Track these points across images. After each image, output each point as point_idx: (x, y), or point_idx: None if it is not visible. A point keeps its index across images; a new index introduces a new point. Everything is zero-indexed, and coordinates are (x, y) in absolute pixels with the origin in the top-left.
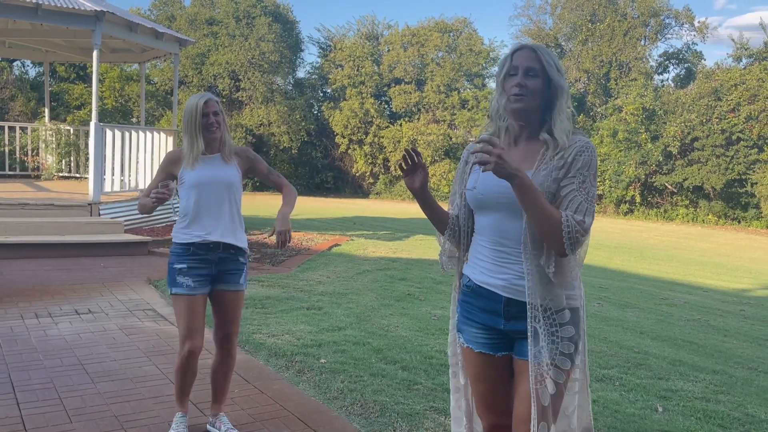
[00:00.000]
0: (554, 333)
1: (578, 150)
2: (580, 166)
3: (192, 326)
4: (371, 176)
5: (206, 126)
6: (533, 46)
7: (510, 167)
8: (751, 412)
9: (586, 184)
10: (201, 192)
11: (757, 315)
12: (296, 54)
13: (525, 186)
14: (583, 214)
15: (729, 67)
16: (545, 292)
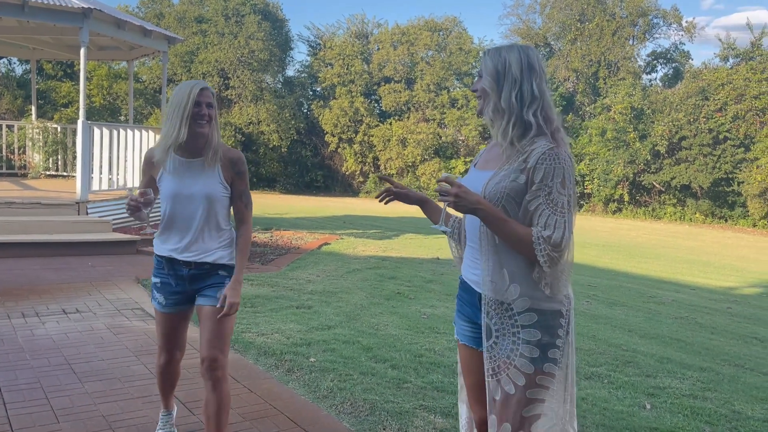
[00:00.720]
0: (514, 333)
1: (539, 158)
2: (543, 176)
3: (163, 339)
4: (361, 175)
5: (195, 117)
6: (487, 50)
7: (469, 202)
8: (738, 409)
9: (552, 195)
10: (175, 205)
11: (744, 313)
12: (286, 52)
13: (488, 216)
14: (552, 229)
15: (716, 67)
16: (500, 288)
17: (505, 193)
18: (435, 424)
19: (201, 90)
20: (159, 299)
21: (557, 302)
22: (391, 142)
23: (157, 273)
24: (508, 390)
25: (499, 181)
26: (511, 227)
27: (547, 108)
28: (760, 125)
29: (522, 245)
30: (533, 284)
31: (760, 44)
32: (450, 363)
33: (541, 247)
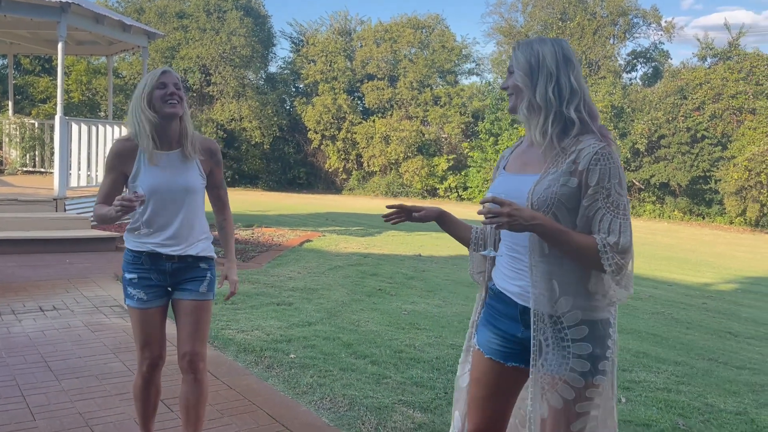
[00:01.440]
0: (565, 348)
1: (591, 158)
2: (599, 177)
3: (148, 339)
4: (344, 172)
5: (164, 98)
6: (518, 43)
7: (524, 219)
8: (711, 402)
9: (612, 197)
10: (156, 200)
11: (719, 308)
12: (268, 49)
13: (547, 230)
14: (617, 234)
15: (694, 67)
16: (551, 301)
17: (555, 199)
18: (414, 419)
19: (163, 72)
20: (138, 295)
21: (606, 311)
22: (375, 140)
23: (132, 269)
24: (556, 405)
25: (548, 186)
26: (572, 238)
27: (589, 102)
28: (736, 124)
29: (586, 256)
30: (585, 295)
31: (738, 44)
32: (429, 358)
33: (608, 255)
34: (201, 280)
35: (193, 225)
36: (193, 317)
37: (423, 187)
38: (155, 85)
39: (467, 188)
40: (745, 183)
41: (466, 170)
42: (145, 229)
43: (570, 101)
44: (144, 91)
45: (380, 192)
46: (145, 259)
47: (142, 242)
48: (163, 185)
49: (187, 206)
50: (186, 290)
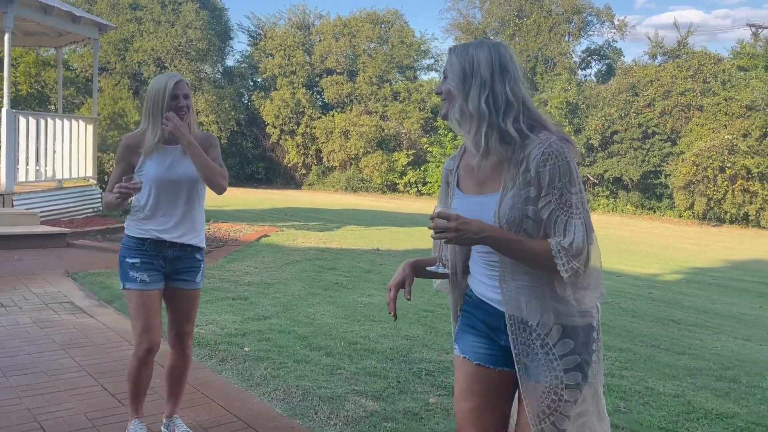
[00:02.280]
0: (551, 361)
1: (539, 161)
2: (549, 178)
3: (149, 323)
4: (303, 167)
5: (174, 110)
6: (452, 48)
7: (473, 234)
8: (651, 386)
9: (563, 197)
10: (160, 188)
11: (663, 297)
12: (225, 42)
13: (497, 241)
14: (572, 235)
15: (645, 64)
16: (524, 309)
17: (523, 217)
18: (366, 407)
19: (176, 83)
20: (141, 278)
21: (589, 316)
22: (334, 135)
23: (135, 254)
24: (565, 428)
25: (512, 206)
26: (525, 246)
27: (533, 111)
28: (685, 120)
29: (542, 262)
30: (563, 301)
31: (686, 43)
32: (383, 349)
33: (563, 259)
34: (196, 270)
35: (194, 214)
36: (186, 304)
37: (383, 182)
38: (170, 95)
39: (426, 183)
40: (693, 178)
41: (425, 165)
42: (148, 213)
43: (506, 113)
44: (162, 100)
45: (340, 187)
46: (149, 245)
47: (145, 229)
48: (169, 175)
49: (189, 195)
50: (183, 280)
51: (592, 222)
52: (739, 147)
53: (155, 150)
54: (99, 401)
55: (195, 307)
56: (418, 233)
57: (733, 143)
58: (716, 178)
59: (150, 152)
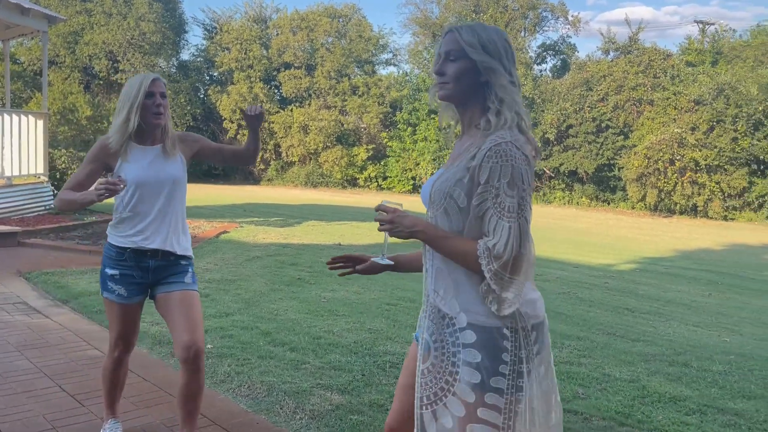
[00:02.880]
0: (455, 354)
1: (485, 155)
2: (488, 176)
3: (124, 332)
4: (262, 162)
5: (150, 108)
6: (454, 27)
7: (405, 227)
8: (608, 372)
9: (499, 198)
10: (142, 192)
11: (618, 287)
12: (180, 35)
13: (427, 238)
14: (498, 237)
15: (598, 60)
16: (444, 299)
17: (448, 195)
18: (331, 401)
19: (153, 81)
20: (119, 291)
21: (500, 319)
22: (293, 129)
23: (114, 264)
24: (444, 423)
25: (446, 180)
26: (454, 243)
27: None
28: (636, 114)
29: (467, 261)
30: (477, 297)
31: (637, 39)
32: (348, 343)
33: (485, 260)
34: (184, 273)
35: (177, 219)
36: (184, 307)
37: (343, 177)
38: (145, 95)
39: (387, 178)
40: (644, 170)
41: (385, 160)
42: (129, 217)
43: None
44: (137, 101)
45: (300, 182)
46: (129, 256)
47: (125, 236)
48: (150, 177)
49: (170, 197)
50: (171, 283)
51: (547, 214)
52: (687, 140)
53: (133, 151)
54: (58, 402)
55: (196, 311)
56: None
57: (682, 137)
58: (667, 171)
59: (120, 150)
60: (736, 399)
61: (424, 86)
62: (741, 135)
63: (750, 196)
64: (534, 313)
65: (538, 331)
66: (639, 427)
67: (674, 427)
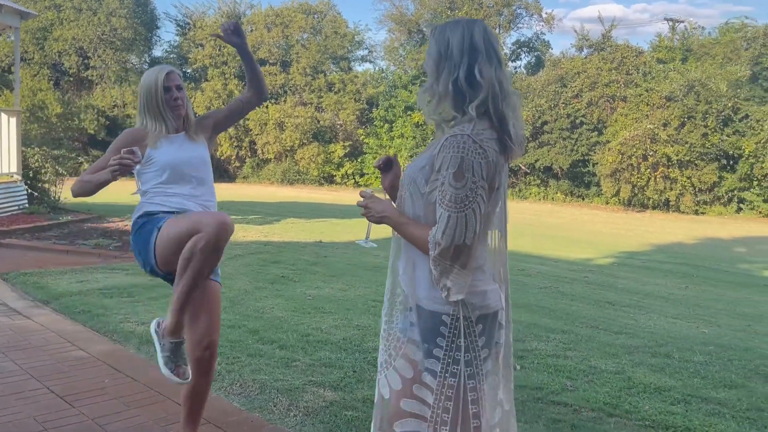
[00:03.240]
0: (403, 330)
1: (441, 144)
2: (441, 164)
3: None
4: (237, 159)
5: (169, 102)
6: (432, 28)
7: (376, 212)
8: (594, 364)
9: (444, 187)
10: (173, 174)
11: (598, 280)
12: (152, 31)
13: (393, 223)
14: (438, 225)
15: (572, 57)
16: (410, 283)
17: (412, 181)
18: (325, 397)
19: (167, 74)
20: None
21: (441, 304)
22: (268, 126)
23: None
24: (383, 393)
25: (413, 166)
26: (411, 229)
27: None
28: (610, 111)
29: (422, 246)
30: (426, 282)
31: (610, 36)
32: (337, 340)
33: (431, 246)
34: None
35: (207, 196)
36: (212, 303)
37: (319, 174)
38: (163, 88)
39: (364, 174)
40: (618, 166)
41: (362, 156)
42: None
43: (474, 94)
44: (156, 94)
45: (276, 180)
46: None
47: (164, 204)
48: (181, 158)
49: (201, 180)
50: None
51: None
52: (660, 136)
53: (160, 140)
54: (47, 404)
55: (218, 311)
56: (360, 225)
57: (654, 132)
58: (640, 166)
59: (155, 142)
60: (719, 388)
61: (400, 83)
62: (711, 131)
63: (720, 190)
64: (482, 304)
65: (485, 324)
66: (627, 417)
67: (661, 416)
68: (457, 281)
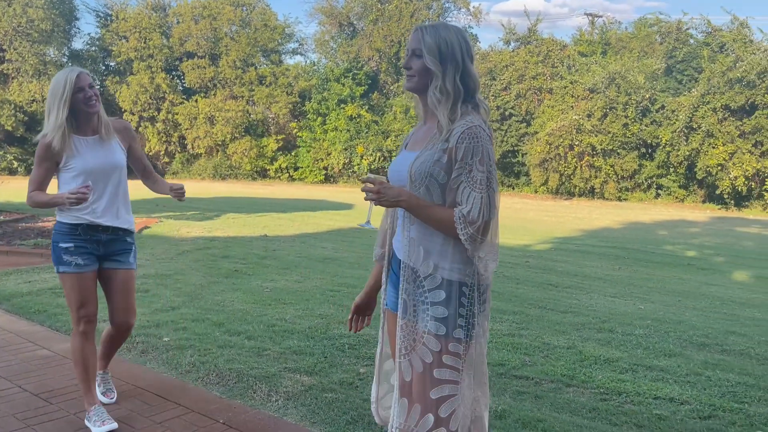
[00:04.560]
0: (425, 311)
1: (459, 137)
2: (463, 154)
3: (84, 299)
4: (166, 155)
5: (85, 101)
6: (421, 27)
7: (391, 197)
8: (547, 341)
9: (473, 173)
10: (90, 178)
11: (539, 265)
12: (71, 23)
13: (411, 206)
14: (471, 205)
15: (500, 50)
16: (417, 259)
17: (428, 174)
18: (302, 382)
19: (78, 76)
20: (75, 261)
21: (463, 274)
22: (198, 120)
23: (69, 239)
24: (417, 369)
25: (424, 161)
26: (433, 212)
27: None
28: (537, 102)
29: (446, 227)
30: (447, 257)
31: (536, 30)
32: (302, 329)
33: (461, 225)
34: (128, 252)
35: (121, 199)
36: (125, 287)
37: (252, 168)
38: (74, 90)
39: (298, 168)
40: (546, 156)
41: (296, 150)
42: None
43: (474, 90)
44: (64, 96)
45: (207, 175)
46: (82, 230)
47: (77, 216)
48: (96, 166)
49: (116, 182)
50: (118, 261)
51: None
52: (584, 126)
53: (76, 144)
54: (23, 402)
55: (132, 291)
56: (301, 218)
57: (579, 123)
58: (567, 156)
59: (63, 146)
60: (660, 357)
61: (333, 76)
62: (631, 121)
63: (640, 177)
64: (486, 275)
65: (487, 293)
66: (584, 386)
67: (613, 384)
68: (490, 251)
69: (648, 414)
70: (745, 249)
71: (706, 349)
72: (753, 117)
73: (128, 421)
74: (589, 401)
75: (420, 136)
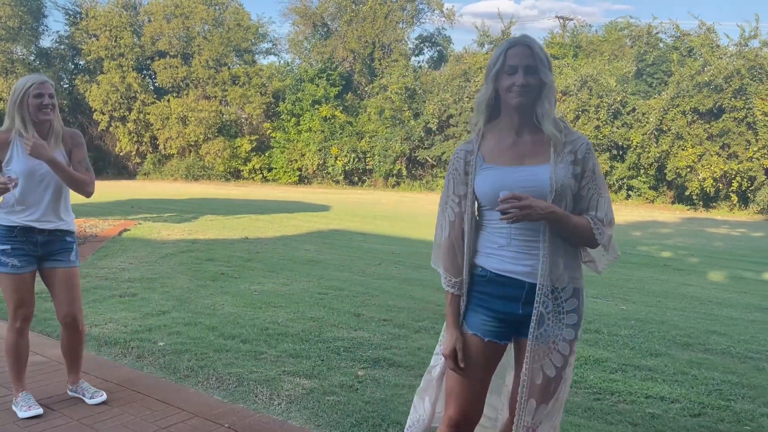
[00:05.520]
0: (561, 319)
1: (586, 149)
2: (592, 165)
3: (22, 299)
4: (137, 155)
5: (40, 107)
6: (528, 43)
7: (542, 209)
8: None
9: (596, 181)
10: (27, 180)
11: None
12: (39, 20)
13: (558, 216)
14: (604, 212)
15: (474, 52)
16: (556, 275)
17: (567, 185)
18: (303, 385)
19: (41, 83)
20: (12, 263)
21: (582, 281)
22: (171, 120)
23: (6, 241)
24: (549, 374)
25: (565, 174)
26: (575, 221)
27: None
28: None
29: (581, 234)
30: (577, 267)
31: (509, 32)
32: (296, 332)
33: (600, 229)
34: (69, 251)
35: (59, 201)
36: (67, 284)
37: (226, 169)
38: (33, 94)
39: (272, 169)
40: None
41: (269, 151)
42: (19, 206)
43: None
44: (24, 96)
45: (179, 176)
46: (19, 233)
47: (14, 219)
48: (35, 168)
49: (55, 185)
50: (58, 260)
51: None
52: None
53: (17, 146)
54: None
55: (76, 286)
56: (279, 220)
57: None
58: None
59: (15, 146)
60: (646, 357)
61: (307, 76)
62: (603, 123)
63: (611, 179)
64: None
65: None
66: (577, 386)
67: (605, 384)
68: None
69: (641, 413)
70: (717, 249)
71: (690, 349)
72: (720, 120)
73: (135, 427)
74: (584, 401)
75: (524, 150)
